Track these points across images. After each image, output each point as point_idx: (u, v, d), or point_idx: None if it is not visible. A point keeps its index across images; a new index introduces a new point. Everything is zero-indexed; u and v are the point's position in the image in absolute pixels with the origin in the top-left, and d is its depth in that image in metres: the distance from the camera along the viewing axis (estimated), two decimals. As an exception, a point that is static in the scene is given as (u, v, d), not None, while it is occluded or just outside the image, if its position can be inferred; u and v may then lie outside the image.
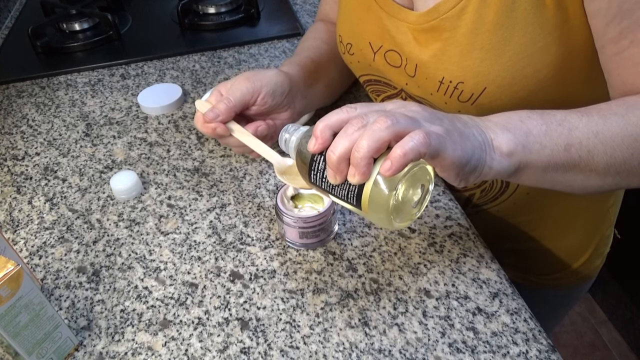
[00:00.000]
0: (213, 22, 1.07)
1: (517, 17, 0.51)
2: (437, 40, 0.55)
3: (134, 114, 0.85)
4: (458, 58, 0.54)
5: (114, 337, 0.52)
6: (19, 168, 0.75)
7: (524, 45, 0.52)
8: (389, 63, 0.63)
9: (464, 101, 0.57)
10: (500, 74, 0.53)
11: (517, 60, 0.52)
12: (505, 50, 0.52)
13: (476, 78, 0.54)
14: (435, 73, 0.57)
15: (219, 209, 0.65)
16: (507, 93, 0.54)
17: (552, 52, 0.52)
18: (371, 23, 0.63)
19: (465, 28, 0.53)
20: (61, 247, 0.62)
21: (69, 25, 1.08)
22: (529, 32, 0.51)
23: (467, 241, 0.59)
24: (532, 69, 0.53)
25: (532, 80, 0.54)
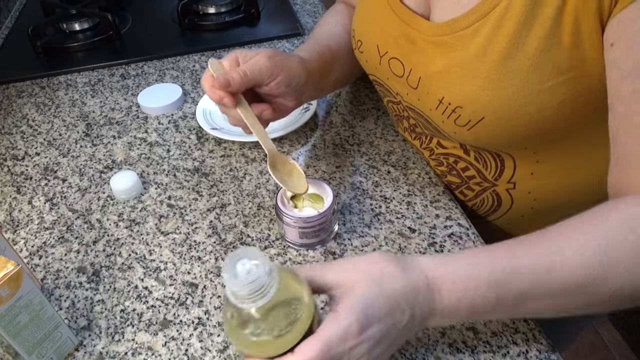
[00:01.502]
0: (213, 22, 1.07)
1: (528, 51, 0.47)
2: (445, 57, 0.53)
3: (134, 114, 0.85)
4: (461, 81, 0.52)
5: (114, 337, 0.52)
6: (19, 168, 0.75)
7: (530, 81, 0.48)
8: (392, 71, 0.61)
9: (460, 125, 0.54)
10: (501, 107, 0.51)
11: (521, 96, 0.49)
12: (510, 84, 0.49)
13: (475, 106, 0.52)
14: (436, 90, 0.55)
15: (219, 209, 0.65)
16: (506, 127, 0.52)
17: (560, 93, 0.49)
18: (381, 25, 0.61)
19: (474, 52, 0.50)
20: (61, 247, 0.62)
21: (69, 25, 1.08)
22: (539, 69, 0.48)
23: (467, 241, 0.59)
24: (537, 107, 0.50)
25: (535, 119, 0.51)
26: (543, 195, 0.62)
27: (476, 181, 0.64)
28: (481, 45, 0.50)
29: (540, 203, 0.62)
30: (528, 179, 0.60)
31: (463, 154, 0.62)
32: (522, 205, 0.64)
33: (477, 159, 0.61)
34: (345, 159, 0.71)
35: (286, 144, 0.75)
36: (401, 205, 0.64)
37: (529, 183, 0.60)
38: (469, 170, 0.63)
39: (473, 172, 0.63)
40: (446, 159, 0.65)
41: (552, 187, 0.60)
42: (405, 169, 0.69)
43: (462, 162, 0.63)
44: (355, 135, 0.76)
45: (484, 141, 0.56)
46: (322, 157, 0.72)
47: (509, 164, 0.59)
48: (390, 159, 0.71)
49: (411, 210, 0.63)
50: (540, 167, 0.59)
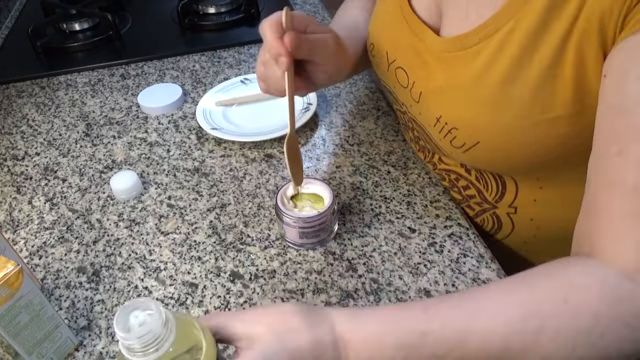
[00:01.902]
0: (213, 22, 1.07)
1: (529, 79, 0.45)
2: (446, 74, 0.52)
3: (134, 114, 0.85)
4: (458, 102, 0.51)
5: (114, 337, 0.52)
6: (19, 168, 0.75)
7: (530, 111, 0.46)
8: (397, 80, 0.60)
9: (456, 147, 0.53)
10: (498, 133, 0.49)
11: (519, 125, 0.47)
12: (508, 111, 0.47)
13: (470, 130, 0.50)
14: (435, 108, 0.54)
15: (219, 209, 0.65)
16: (503, 154, 0.50)
17: (562, 126, 0.46)
18: (392, 32, 0.59)
19: (474, 73, 0.48)
20: (61, 247, 0.62)
21: (69, 25, 1.08)
22: (539, 100, 0.45)
23: (467, 241, 0.59)
24: (535, 138, 0.47)
25: (534, 149, 0.49)
26: (546, 224, 0.59)
27: (476, 201, 0.62)
28: (482, 68, 0.48)
29: (544, 232, 0.60)
30: (530, 205, 0.58)
31: (464, 173, 0.61)
32: (524, 231, 0.61)
33: (478, 178, 0.60)
34: (345, 159, 0.71)
35: (286, 144, 0.75)
36: (401, 205, 0.64)
37: (531, 209, 0.58)
38: (470, 189, 0.62)
39: (473, 192, 0.61)
40: (448, 175, 0.64)
41: (556, 217, 0.57)
42: (405, 169, 0.69)
43: (463, 180, 0.62)
44: (355, 135, 0.76)
45: (481, 165, 0.55)
46: (322, 157, 0.72)
47: (510, 188, 0.58)
48: (390, 159, 0.71)
49: (411, 210, 0.63)
50: (543, 194, 0.56)
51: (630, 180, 0.38)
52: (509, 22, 0.45)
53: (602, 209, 0.41)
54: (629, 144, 0.38)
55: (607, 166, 0.40)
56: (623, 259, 0.38)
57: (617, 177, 0.39)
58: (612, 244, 0.39)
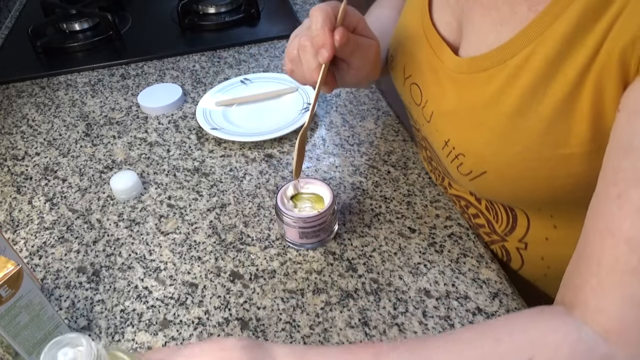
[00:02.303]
0: (213, 22, 1.07)
1: (542, 111, 0.42)
2: (457, 97, 0.49)
3: (134, 114, 0.85)
4: (466, 128, 0.48)
5: (114, 337, 0.52)
6: (19, 168, 0.75)
7: (541, 145, 0.43)
8: (412, 96, 0.58)
9: (463, 174, 0.51)
10: (506, 165, 0.46)
11: (529, 159, 0.44)
12: (517, 142, 0.44)
13: (478, 158, 0.48)
14: (444, 130, 0.51)
15: (219, 209, 0.65)
16: (511, 187, 0.48)
17: (576, 164, 0.43)
18: (411, 45, 0.57)
19: (485, 99, 0.46)
20: (61, 247, 0.62)
21: (69, 25, 1.08)
22: (553, 134, 0.42)
23: (467, 241, 0.59)
24: (546, 174, 0.44)
25: (544, 185, 0.46)
26: (558, 265, 0.54)
27: (485, 231, 0.60)
28: (494, 94, 0.45)
29: (555, 272, 0.56)
30: (542, 244, 0.55)
31: (474, 201, 0.59)
32: (534, 269, 0.59)
33: (488, 208, 0.57)
34: (345, 159, 0.71)
35: (286, 143, 0.75)
36: (401, 205, 0.64)
37: (542, 248, 0.55)
38: (479, 218, 0.59)
39: (483, 221, 0.59)
40: (458, 201, 0.62)
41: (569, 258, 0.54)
42: (405, 169, 0.69)
43: (472, 208, 0.60)
44: (355, 135, 0.76)
45: (488, 196, 0.53)
46: (322, 157, 0.72)
47: (522, 222, 0.54)
48: (390, 159, 0.71)
49: (411, 210, 0.63)
50: (557, 234, 0.53)
51: (624, 229, 0.36)
52: (527, 48, 0.43)
53: (592, 257, 0.38)
54: (630, 188, 0.36)
55: (604, 208, 0.38)
56: (604, 316, 0.36)
57: (613, 223, 0.37)
58: (595, 298, 0.37)
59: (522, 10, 0.43)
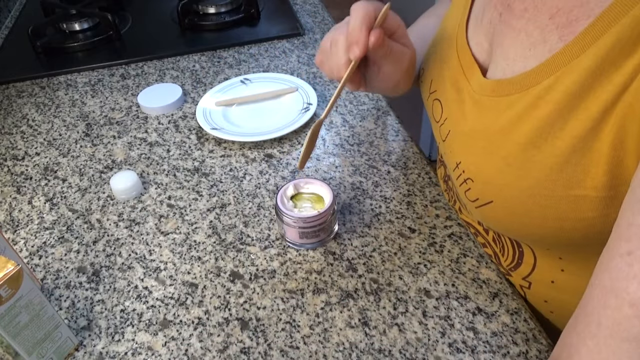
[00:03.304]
0: (213, 22, 1.07)
1: (558, 146, 0.40)
2: (475, 119, 0.47)
3: (134, 114, 0.85)
4: (478, 153, 0.46)
5: (114, 337, 0.52)
6: (19, 168, 0.75)
7: (553, 182, 0.41)
8: (433, 112, 0.56)
9: (470, 200, 0.49)
10: (514, 197, 0.44)
11: (538, 195, 0.42)
12: (529, 175, 0.42)
13: (486, 185, 0.46)
14: (456, 152, 0.50)
15: (219, 209, 0.65)
16: (517, 222, 0.45)
17: (588, 209, 0.40)
18: (441, 60, 0.55)
19: (501, 125, 0.44)
20: (61, 247, 0.62)
21: (69, 25, 1.08)
22: (566, 172, 0.40)
23: (467, 241, 0.59)
24: (555, 214, 0.42)
25: (552, 225, 0.43)
26: (561, 313, 0.53)
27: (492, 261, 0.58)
28: (511, 121, 0.43)
29: (558, 318, 0.54)
30: (547, 286, 0.52)
31: (482, 231, 0.57)
32: (535, 311, 0.57)
33: (495, 240, 0.56)
34: (345, 159, 0.71)
35: (286, 143, 0.75)
36: (401, 205, 0.64)
37: (547, 291, 0.53)
38: (487, 247, 0.58)
39: (490, 252, 0.58)
40: (467, 228, 0.60)
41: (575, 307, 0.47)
42: (405, 169, 0.69)
43: (480, 237, 0.59)
44: (355, 135, 0.76)
45: (493, 226, 0.51)
46: (322, 157, 0.72)
47: (528, 259, 0.53)
48: (390, 159, 0.71)
49: (411, 210, 0.63)
50: (564, 278, 0.50)
51: (631, 291, 0.33)
52: (550, 78, 0.40)
53: (593, 315, 0.36)
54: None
55: (612, 264, 0.35)
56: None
57: (619, 282, 0.34)
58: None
59: (552, 38, 0.41)
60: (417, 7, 1.74)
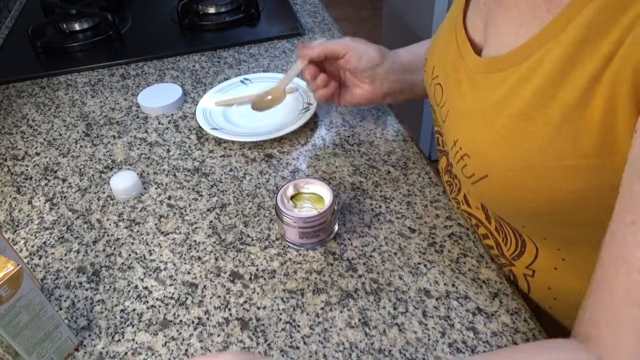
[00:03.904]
0: (213, 22, 1.07)
1: (549, 117, 0.41)
2: (472, 97, 0.49)
3: (134, 114, 0.85)
4: (474, 128, 0.48)
5: (114, 337, 0.52)
6: (19, 168, 0.75)
7: (545, 153, 0.42)
8: (435, 96, 0.58)
9: (466, 176, 0.50)
10: (507, 170, 0.45)
11: (531, 166, 0.43)
12: (522, 147, 0.43)
13: (481, 160, 0.47)
14: (454, 130, 0.52)
15: (219, 209, 0.65)
16: (511, 196, 0.46)
17: (579, 180, 0.41)
18: (442, 47, 0.58)
19: (495, 100, 0.46)
20: (61, 247, 0.62)
21: (69, 25, 1.08)
22: (557, 142, 0.41)
23: (467, 241, 0.59)
24: (547, 186, 0.43)
25: (544, 198, 0.44)
26: (565, 298, 0.54)
27: (494, 253, 0.59)
28: (504, 95, 0.45)
29: (561, 305, 0.56)
30: (550, 273, 0.53)
31: (485, 220, 0.57)
32: (540, 298, 0.57)
33: (497, 229, 0.56)
34: (345, 159, 0.71)
35: (286, 144, 0.75)
36: (401, 205, 0.64)
37: (550, 278, 0.54)
38: (489, 239, 0.58)
39: (492, 243, 0.58)
40: (469, 219, 0.61)
41: (578, 292, 0.48)
42: (405, 169, 0.69)
43: (483, 227, 0.59)
44: (355, 135, 0.76)
45: (489, 204, 0.52)
46: (322, 157, 0.72)
47: (530, 249, 0.53)
48: (390, 159, 0.71)
49: (411, 210, 0.63)
50: (565, 265, 0.52)
51: (639, 257, 0.34)
52: (540, 51, 0.42)
53: (605, 286, 0.37)
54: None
55: (619, 235, 0.36)
56: (617, 353, 0.35)
57: (627, 252, 0.35)
58: (609, 333, 0.36)
59: (541, 12, 0.43)
60: (416, 7, 1.74)
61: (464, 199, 0.60)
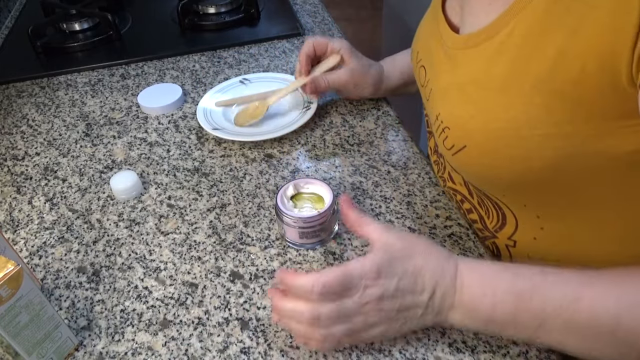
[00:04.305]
0: (213, 22, 1.07)
1: (522, 88, 0.43)
2: (451, 73, 0.52)
3: (134, 114, 0.85)
4: (454, 102, 0.51)
5: (114, 337, 0.52)
6: (19, 168, 0.75)
7: (518, 121, 0.44)
8: (419, 78, 0.61)
9: (447, 148, 0.52)
10: (484, 140, 0.47)
11: (506, 136, 0.45)
12: (496, 118, 0.46)
13: (460, 131, 0.50)
14: (436, 105, 0.54)
15: (219, 209, 0.65)
16: (488, 165, 0.49)
17: (551, 147, 0.43)
18: (425, 33, 0.62)
19: (473, 74, 0.48)
20: (61, 247, 0.62)
21: (69, 25, 1.08)
22: (530, 113, 0.43)
23: (467, 241, 0.59)
24: (522, 154, 0.45)
25: (519, 167, 0.46)
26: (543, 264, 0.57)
27: (478, 227, 0.61)
28: (480, 69, 0.47)
29: None
30: (530, 243, 0.55)
31: (468, 195, 0.60)
32: None
33: (480, 204, 0.58)
34: (345, 159, 0.71)
35: (286, 144, 0.75)
36: (401, 205, 0.64)
37: (530, 247, 0.56)
38: (473, 213, 0.60)
39: (476, 217, 0.60)
40: (455, 196, 0.63)
41: (557, 259, 0.54)
42: (405, 169, 0.69)
43: (467, 203, 0.61)
44: (355, 135, 0.76)
45: (467, 174, 0.54)
46: (322, 157, 0.72)
47: (510, 220, 0.55)
48: (390, 159, 0.71)
49: (411, 210, 0.63)
50: (544, 234, 0.54)
51: None
52: (510, 24, 0.44)
53: None
54: None
55: None
56: None
57: None
58: None
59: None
60: (416, 7, 1.74)
61: (449, 177, 0.62)
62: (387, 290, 0.43)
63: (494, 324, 0.44)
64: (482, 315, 0.44)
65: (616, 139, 0.41)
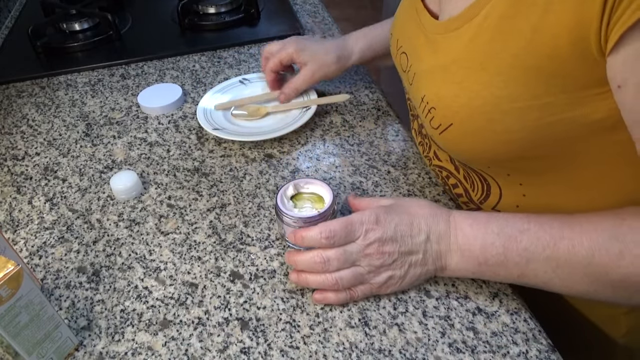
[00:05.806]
0: (213, 22, 1.07)
1: (500, 65, 0.46)
2: (433, 56, 0.54)
3: (134, 114, 0.85)
4: (439, 83, 0.52)
5: (114, 337, 0.52)
6: (19, 168, 0.75)
7: (498, 97, 0.47)
8: (401, 65, 0.63)
9: (434, 128, 0.54)
10: (468, 117, 0.50)
11: (488, 111, 0.48)
12: (479, 95, 0.48)
13: (446, 110, 0.52)
14: (421, 87, 0.56)
15: (219, 209, 0.65)
16: (473, 140, 0.51)
17: (531, 119, 0.46)
18: (403, 20, 0.63)
19: (454, 55, 0.50)
20: (61, 247, 0.62)
21: (69, 25, 1.08)
22: (509, 88, 0.46)
23: (467, 241, 0.59)
24: (503, 127, 0.48)
25: (502, 139, 0.49)
26: None
27: (463, 200, 0.63)
28: (461, 51, 0.50)
29: None
30: (513, 211, 0.57)
31: (454, 170, 0.62)
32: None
33: (465, 177, 0.60)
34: (345, 159, 0.71)
35: (286, 144, 0.75)
36: (401, 205, 0.64)
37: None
38: (458, 187, 0.62)
39: (461, 191, 0.62)
40: (440, 173, 0.65)
41: None
42: (405, 169, 0.69)
43: (452, 178, 0.63)
44: (355, 135, 0.76)
45: (454, 151, 0.55)
46: (322, 157, 0.72)
47: (494, 191, 0.58)
48: (390, 159, 0.71)
49: (411, 210, 0.63)
50: (526, 202, 0.56)
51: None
52: (486, 7, 0.47)
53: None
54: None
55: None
56: None
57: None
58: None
59: None
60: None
61: (435, 155, 0.64)
62: (385, 232, 0.49)
63: (486, 266, 0.49)
64: (475, 256, 0.49)
65: (589, 107, 0.44)
